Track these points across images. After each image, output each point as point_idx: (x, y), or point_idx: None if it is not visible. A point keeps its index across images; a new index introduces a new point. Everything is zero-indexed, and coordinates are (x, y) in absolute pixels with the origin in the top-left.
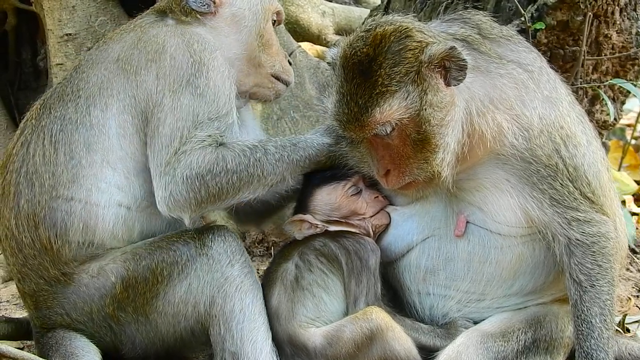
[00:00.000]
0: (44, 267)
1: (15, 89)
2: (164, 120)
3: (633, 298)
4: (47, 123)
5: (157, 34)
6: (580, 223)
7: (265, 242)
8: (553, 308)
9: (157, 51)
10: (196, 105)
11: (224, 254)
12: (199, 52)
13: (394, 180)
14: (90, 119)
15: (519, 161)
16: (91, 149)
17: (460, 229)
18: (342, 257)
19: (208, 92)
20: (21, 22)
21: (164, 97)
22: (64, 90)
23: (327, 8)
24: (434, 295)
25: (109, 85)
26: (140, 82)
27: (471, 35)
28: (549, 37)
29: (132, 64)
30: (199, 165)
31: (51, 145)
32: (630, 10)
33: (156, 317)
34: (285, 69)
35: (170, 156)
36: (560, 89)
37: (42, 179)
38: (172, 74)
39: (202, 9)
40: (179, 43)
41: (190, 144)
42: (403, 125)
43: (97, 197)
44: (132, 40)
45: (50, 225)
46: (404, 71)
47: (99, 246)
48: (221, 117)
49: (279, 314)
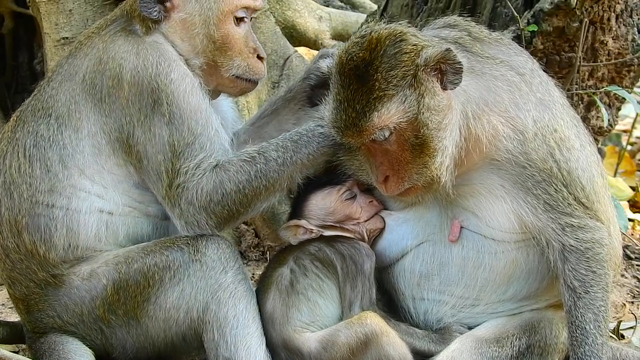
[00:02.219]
0: (32, 271)
1: (12, 92)
2: (144, 154)
3: (628, 304)
4: (21, 137)
5: (115, 53)
6: (575, 229)
7: (261, 247)
8: (547, 314)
9: (115, 77)
10: (168, 135)
11: (218, 261)
12: (155, 76)
13: (393, 187)
14: (63, 138)
15: (513, 166)
16: (66, 165)
17: (455, 234)
18: (337, 262)
19: (175, 117)
20: (18, 26)
21: (135, 129)
22: (36, 105)
23: (324, 13)
24: (429, 300)
25: (77, 109)
26: (108, 110)
27: (462, 37)
28: (544, 43)
29: (96, 89)
30: (199, 200)
31: (25, 158)
32: (626, 16)
33: (147, 321)
34: (250, 67)
35: (166, 191)
36: (553, 92)
37: (20, 189)
38: (134, 103)
39: (153, 16)
40: (136, 66)
41: (181, 176)
42: (401, 130)
43: (77, 204)
44: (96, 57)
45: (33, 231)
46: (401, 75)
47: (85, 249)
48: (198, 135)
49: (274, 319)
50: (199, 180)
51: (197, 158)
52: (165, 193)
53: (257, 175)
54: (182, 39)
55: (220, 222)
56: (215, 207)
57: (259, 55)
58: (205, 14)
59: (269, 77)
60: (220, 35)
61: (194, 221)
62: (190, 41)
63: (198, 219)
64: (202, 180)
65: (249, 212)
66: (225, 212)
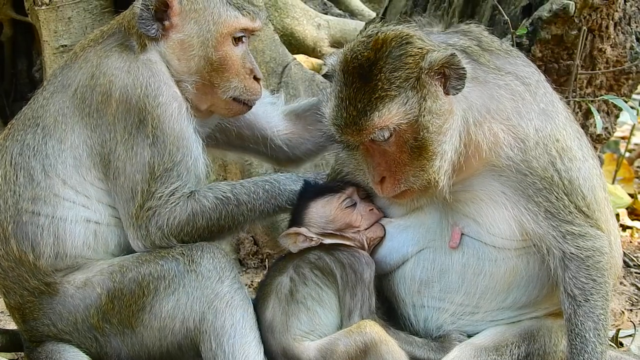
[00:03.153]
0: (23, 279)
1: (11, 99)
2: (123, 170)
3: (627, 312)
4: (9, 145)
5: (107, 69)
6: (575, 237)
7: (260, 254)
8: (547, 322)
9: (105, 93)
10: (150, 156)
11: (214, 271)
12: (143, 97)
13: (389, 188)
14: (47, 147)
15: (514, 173)
16: (49, 175)
17: (455, 241)
18: (336, 270)
19: (158, 140)
20: (17, 33)
21: (117, 145)
22: (27, 114)
23: (323, 21)
24: (429, 307)
25: (64, 120)
26: (94, 125)
27: (471, 47)
28: (543, 51)
29: (86, 103)
30: (169, 227)
31: (11, 166)
32: (624, 24)
33: (142, 330)
34: (247, 88)
35: (137, 210)
36: (557, 104)
37: (5, 196)
38: (121, 120)
39: (150, 34)
40: (126, 84)
41: (154, 200)
42: (401, 131)
43: (63, 213)
44: (88, 72)
45: (21, 238)
46: (404, 76)
47: (75, 257)
48: (178, 163)
49: (274, 327)
50: (173, 208)
51: (173, 186)
52: (134, 212)
53: (227, 216)
54: (179, 59)
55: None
56: (185, 237)
57: (256, 77)
58: (204, 35)
59: (267, 85)
60: (218, 57)
61: (160, 244)
62: (187, 61)
63: (165, 243)
64: (175, 210)
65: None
66: (190, 241)
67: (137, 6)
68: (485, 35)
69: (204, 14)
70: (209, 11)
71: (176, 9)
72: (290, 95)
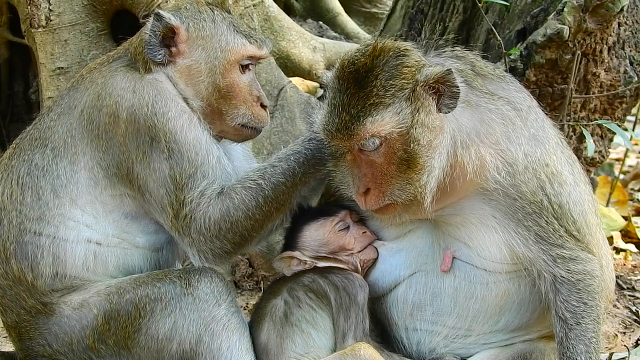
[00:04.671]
0: (21, 298)
1: (7, 121)
2: (146, 187)
3: (620, 335)
4: (16, 164)
5: (113, 90)
6: (566, 260)
7: (255, 276)
8: (539, 345)
9: (112, 114)
10: (169, 169)
11: (211, 294)
12: (151, 115)
13: (372, 200)
14: (58, 168)
15: (504, 197)
16: (58, 194)
17: (447, 265)
18: (330, 293)
19: (174, 152)
20: (14, 55)
21: (134, 165)
22: (34, 135)
23: (318, 43)
24: (421, 330)
25: (73, 143)
26: (105, 147)
27: (465, 71)
28: (537, 75)
29: (94, 124)
30: (208, 229)
31: (18, 186)
32: (618, 49)
33: (139, 351)
34: (255, 115)
35: (172, 222)
36: (549, 129)
37: (9, 216)
38: (132, 141)
39: (157, 59)
40: (132, 104)
41: (187, 207)
42: (392, 141)
43: (65, 233)
44: (94, 92)
45: (21, 258)
46: (400, 85)
47: (73, 278)
48: (200, 165)
49: (268, 350)
50: (206, 209)
51: (201, 186)
52: (171, 224)
53: (266, 202)
54: (187, 84)
55: (234, 247)
56: (227, 234)
57: (262, 104)
58: (212, 62)
59: None
60: (225, 84)
61: (207, 249)
62: (195, 87)
63: (211, 247)
64: (209, 210)
65: (262, 231)
66: (237, 238)
67: (144, 32)
68: (479, 60)
69: (211, 41)
70: (216, 38)
71: (183, 36)
72: (286, 118)
